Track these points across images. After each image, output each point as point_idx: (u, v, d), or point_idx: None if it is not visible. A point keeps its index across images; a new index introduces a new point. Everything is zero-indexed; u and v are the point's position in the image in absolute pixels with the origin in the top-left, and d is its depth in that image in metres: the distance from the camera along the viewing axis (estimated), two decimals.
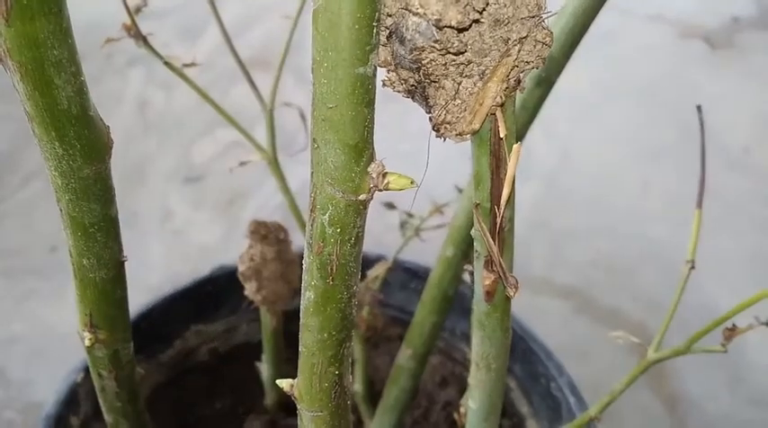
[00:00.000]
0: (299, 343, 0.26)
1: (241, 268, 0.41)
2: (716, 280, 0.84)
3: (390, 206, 0.53)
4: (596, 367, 0.80)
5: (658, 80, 1.16)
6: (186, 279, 0.52)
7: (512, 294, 0.25)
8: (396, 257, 0.51)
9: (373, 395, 0.50)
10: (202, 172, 1.03)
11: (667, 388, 0.77)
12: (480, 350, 0.31)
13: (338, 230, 0.23)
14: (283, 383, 0.27)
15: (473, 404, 0.33)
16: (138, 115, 1.11)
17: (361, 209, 0.23)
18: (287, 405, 0.53)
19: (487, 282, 0.28)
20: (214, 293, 0.53)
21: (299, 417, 0.27)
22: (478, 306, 0.29)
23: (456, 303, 0.52)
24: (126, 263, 0.28)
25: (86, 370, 0.46)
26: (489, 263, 0.27)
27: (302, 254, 0.24)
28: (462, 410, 0.43)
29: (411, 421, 0.53)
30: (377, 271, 0.49)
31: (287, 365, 0.52)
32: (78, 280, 0.27)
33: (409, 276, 0.54)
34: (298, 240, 0.45)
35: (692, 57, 1.22)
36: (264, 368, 0.50)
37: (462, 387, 0.54)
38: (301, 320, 0.25)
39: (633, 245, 0.92)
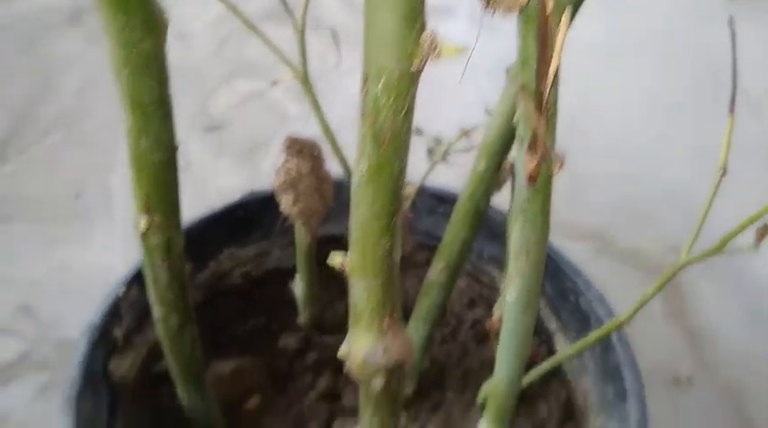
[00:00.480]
0: (350, 221, 0.27)
1: (277, 181, 0.42)
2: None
3: (418, 132, 0.54)
4: (617, 308, 0.81)
5: (677, 27, 1.15)
6: None
7: (556, 171, 0.26)
8: (423, 182, 0.52)
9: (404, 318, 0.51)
10: (222, 121, 1.03)
11: (687, 323, 0.78)
12: (520, 239, 0.32)
13: (391, 100, 0.24)
14: (337, 257, 0.28)
15: (510, 297, 0.34)
16: None
17: (413, 77, 0.24)
18: (321, 324, 0.55)
19: (531, 166, 0.28)
20: (246, 217, 0.54)
21: (350, 291, 0.28)
22: (520, 194, 0.30)
23: (483, 227, 0.53)
24: None
25: (128, 284, 0.47)
26: (533, 146, 0.28)
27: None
28: (496, 316, 0.44)
29: (440, 338, 0.54)
30: (405, 192, 0.50)
31: (319, 285, 0.53)
32: (135, 163, 0.28)
33: (437, 201, 0.55)
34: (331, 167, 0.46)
35: (710, 3, 1.20)
36: (298, 286, 0.51)
37: (490, 307, 0.55)
38: (353, 197, 0.26)
39: (653, 190, 0.93)
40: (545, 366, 0.46)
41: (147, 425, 0.48)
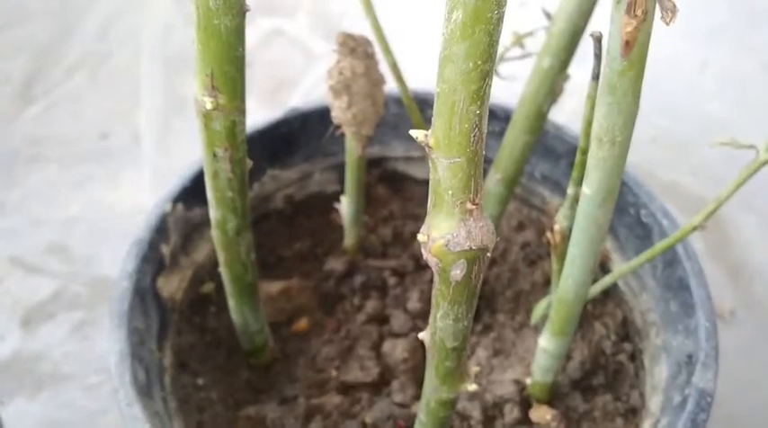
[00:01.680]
0: (437, 82, 0.25)
1: (331, 82, 0.40)
2: None
3: None
4: None
5: None
6: None
7: (668, 20, 0.24)
8: None
9: None
10: (246, 60, 1.01)
11: (731, 258, 0.76)
12: (606, 121, 0.30)
13: None
14: (417, 133, 0.26)
15: (588, 189, 0.33)
16: (175, 7, 1.08)
17: None
18: (366, 248, 0.53)
19: (629, 29, 0.26)
20: (288, 136, 0.52)
21: (431, 168, 0.26)
22: (612, 65, 0.28)
23: (538, 143, 0.51)
24: (177, 146, 0.27)
25: (174, 201, 0.46)
26: (632, 6, 0.26)
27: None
28: (557, 228, 0.42)
29: (489, 260, 0.52)
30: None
31: (367, 205, 0.51)
32: (202, 30, 0.26)
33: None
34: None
35: None
36: (345, 204, 0.49)
37: (540, 231, 0.53)
38: (442, 53, 0.24)
39: (691, 123, 0.90)
40: (608, 279, 0.44)
41: (194, 345, 0.47)
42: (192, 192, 0.46)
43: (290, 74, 0.97)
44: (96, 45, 1.01)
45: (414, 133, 0.26)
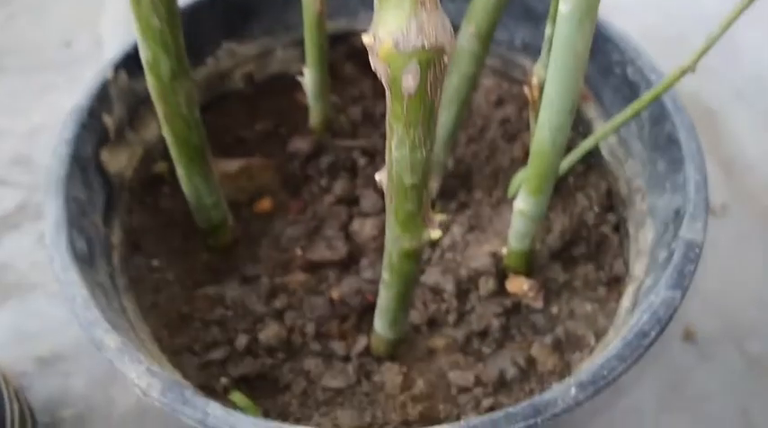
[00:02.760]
0: None
1: None
2: None
3: None
4: None
5: None
6: None
7: None
8: None
9: None
10: None
11: (723, 152, 0.73)
12: None
13: None
14: None
15: (565, 5, 0.29)
16: None
17: None
18: (335, 129, 0.50)
19: None
20: (245, 3, 0.48)
21: None
22: None
23: (516, 3, 0.46)
24: None
25: (116, 67, 0.42)
26: None
27: None
28: (535, 80, 0.39)
29: (466, 138, 0.49)
30: None
31: (332, 78, 0.47)
32: None
33: None
34: None
35: None
36: (308, 76, 0.45)
37: (521, 106, 0.50)
38: None
39: (682, 18, 0.86)
40: (589, 142, 0.41)
41: (148, 225, 0.44)
42: (139, 61, 0.42)
43: None
44: None
45: None
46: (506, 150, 0.48)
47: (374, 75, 0.55)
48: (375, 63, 0.24)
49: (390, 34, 0.23)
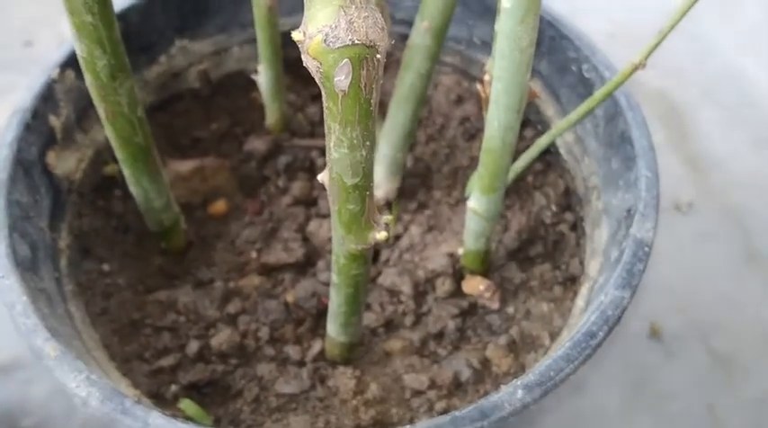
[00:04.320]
0: None
1: None
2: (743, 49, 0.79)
3: None
4: None
5: None
6: None
7: None
8: None
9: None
10: None
11: (690, 150, 0.73)
12: None
13: None
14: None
15: (507, 0, 0.28)
16: None
17: None
18: (293, 128, 0.49)
19: None
20: (196, 1, 0.47)
21: None
22: None
23: (474, 0, 0.46)
24: None
25: (62, 66, 0.41)
26: None
27: None
28: (487, 78, 0.38)
29: (426, 137, 0.48)
30: None
31: (288, 76, 0.47)
32: None
33: None
34: None
35: None
36: (263, 74, 0.44)
37: (480, 104, 0.49)
38: None
39: (650, 16, 0.87)
40: (545, 139, 0.40)
41: (99, 229, 0.43)
42: None
43: None
44: None
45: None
46: (466, 149, 0.48)
47: None
48: (306, 60, 0.24)
49: (320, 30, 0.22)
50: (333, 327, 0.36)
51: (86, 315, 0.38)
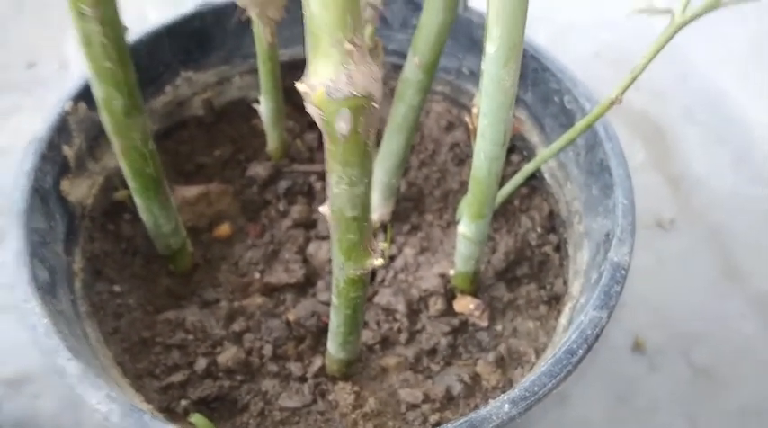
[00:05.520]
0: None
1: None
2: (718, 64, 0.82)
3: None
4: None
5: None
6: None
7: None
8: None
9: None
10: None
11: (671, 168, 0.76)
12: None
13: None
14: None
15: (491, 45, 0.31)
16: None
17: None
18: (291, 154, 0.51)
19: None
20: (201, 33, 0.49)
21: (306, 15, 0.25)
22: None
23: (460, 30, 0.49)
24: None
25: (75, 99, 0.43)
26: None
27: None
28: (474, 110, 0.41)
29: (418, 162, 0.51)
30: None
31: (287, 104, 0.49)
32: None
33: (412, 9, 0.51)
34: None
35: None
36: (264, 104, 0.47)
37: (468, 131, 0.52)
38: None
39: (635, 38, 0.90)
40: (529, 167, 0.43)
41: (109, 252, 0.45)
42: None
43: None
44: None
45: None
46: (456, 173, 0.50)
47: None
48: (310, 108, 0.26)
49: (322, 83, 0.25)
50: (332, 345, 0.38)
51: (100, 334, 0.40)
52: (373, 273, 0.45)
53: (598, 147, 0.42)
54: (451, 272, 0.43)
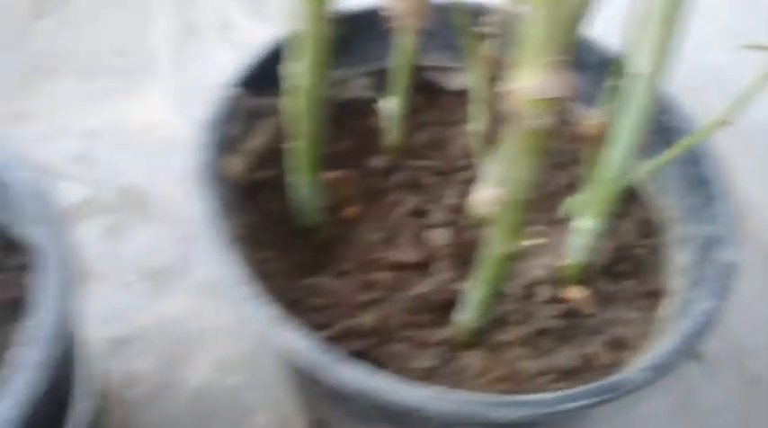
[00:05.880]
0: None
1: None
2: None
3: None
4: None
5: None
6: None
7: None
8: None
9: None
10: None
11: None
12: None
13: None
14: None
15: (640, 65, 0.37)
16: None
17: None
18: (406, 149, 0.57)
19: None
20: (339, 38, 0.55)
21: (524, 29, 0.30)
22: None
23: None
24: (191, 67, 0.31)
25: (237, 86, 0.49)
26: None
27: None
28: (592, 121, 0.46)
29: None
30: None
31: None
32: None
33: None
34: None
35: None
36: (394, 103, 0.53)
37: (567, 141, 0.57)
38: None
39: (692, 70, 0.95)
40: (632, 178, 0.49)
41: (257, 223, 0.50)
42: (254, 81, 0.50)
43: None
44: None
45: None
46: (556, 177, 0.56)
47: (438, 107, 0.64)
48: (511, 105, 0.32)
49: (524, 87, 0.31)
50: (467, 315, 0.43)
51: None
52: None
53: (695, 164, 0.47)
54: (561, 263, 0.48)
